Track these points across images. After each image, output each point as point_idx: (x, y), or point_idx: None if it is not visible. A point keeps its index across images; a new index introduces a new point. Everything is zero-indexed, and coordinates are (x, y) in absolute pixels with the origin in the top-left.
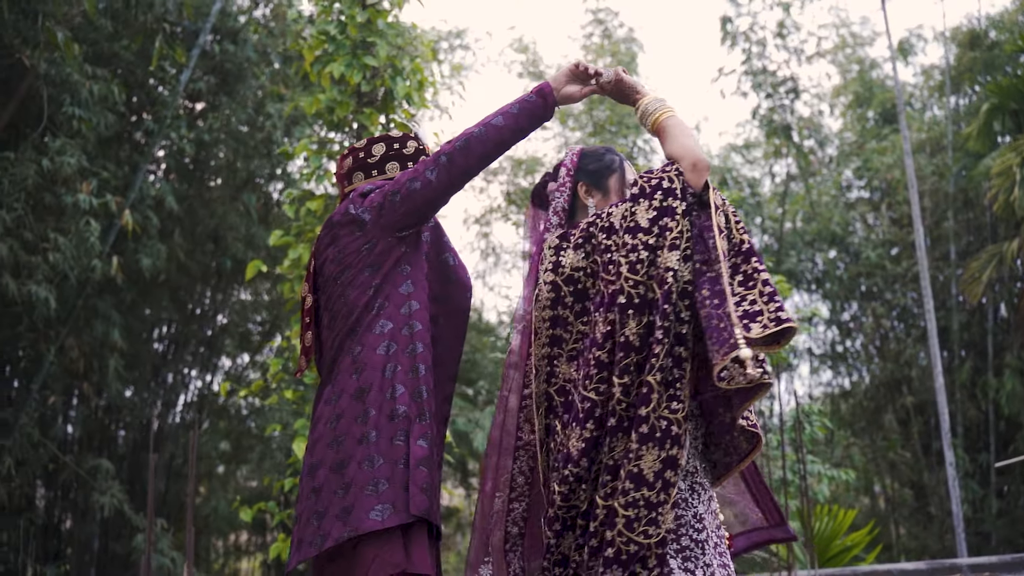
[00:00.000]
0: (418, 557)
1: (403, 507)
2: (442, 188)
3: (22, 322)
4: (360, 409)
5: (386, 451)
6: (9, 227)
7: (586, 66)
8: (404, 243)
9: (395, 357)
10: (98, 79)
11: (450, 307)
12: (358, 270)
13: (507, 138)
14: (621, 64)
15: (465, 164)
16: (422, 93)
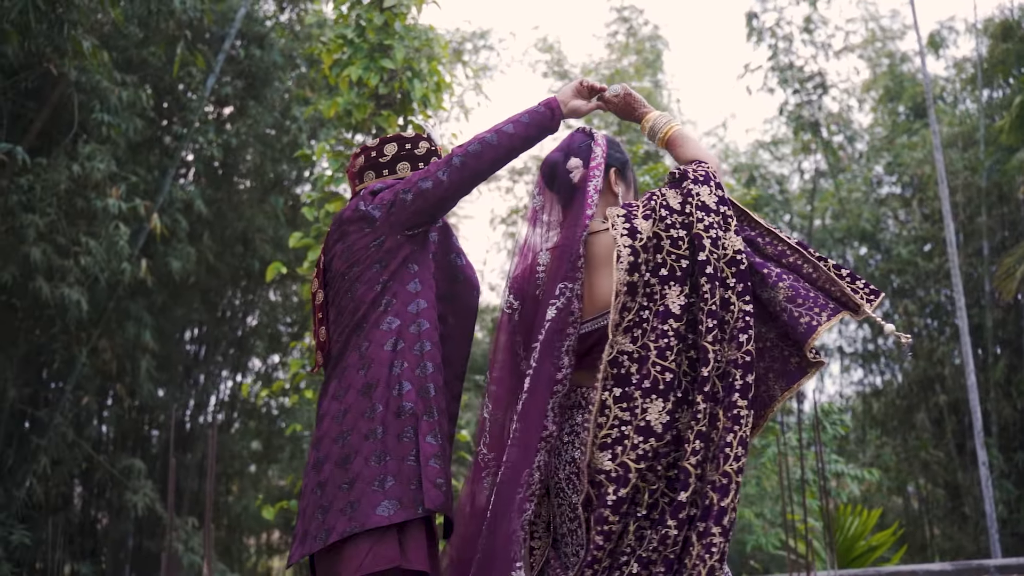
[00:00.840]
0: (414, 553)
1: (410, 503)
2: (452, 189)
3: (55, 324)
4: (367, 405)
5: (393, 447)
6: (42, 231)
7: (590, 84)
8: (412, 242)
9: (402, 354)
10: (127, 86)
11: (458, 306)
12: (366, 266)
13: (517, 145)
14: (646, 61)
15: (476, 167)
16: (439, 95)
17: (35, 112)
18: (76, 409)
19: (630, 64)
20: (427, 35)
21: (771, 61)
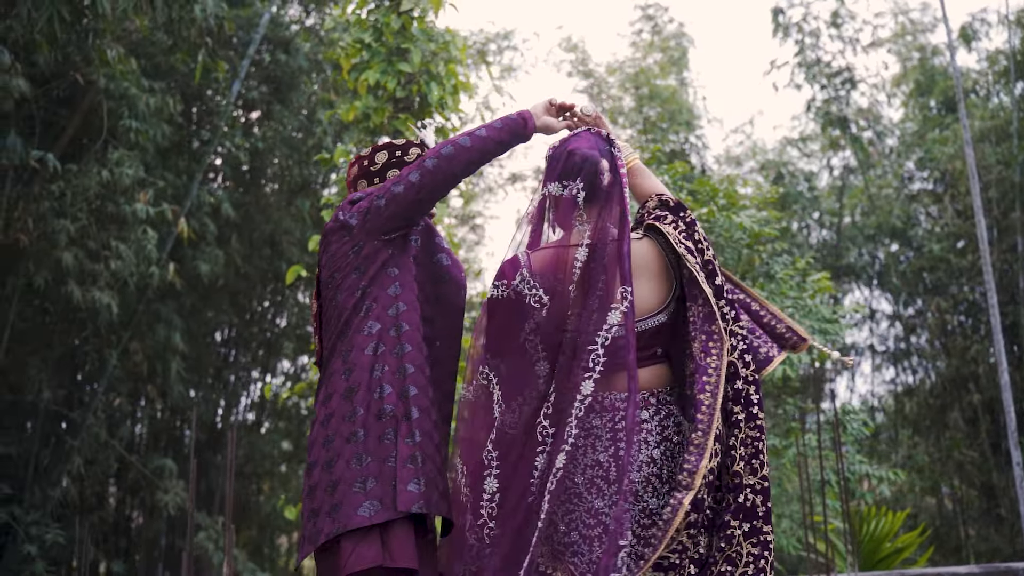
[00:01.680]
0: (398, 552)
1: (391, 504)
2: (425, 191)
3: (86, 328)
4: (349, 409)
5: (374, 449)
6: (73, 237)
7: (560, 102)
8: (390, 246)
9: (383, 358)
10: (155, 92)
11: (445, 307)
12: (345, 273)
13: (490, 149)
14: (671, 59)
15: (449, 169)
16: (457, 98)
17: (67, 119)
18: (108, 410)
19: (655, 62)
20: (444, 38)
21: (798, 57)
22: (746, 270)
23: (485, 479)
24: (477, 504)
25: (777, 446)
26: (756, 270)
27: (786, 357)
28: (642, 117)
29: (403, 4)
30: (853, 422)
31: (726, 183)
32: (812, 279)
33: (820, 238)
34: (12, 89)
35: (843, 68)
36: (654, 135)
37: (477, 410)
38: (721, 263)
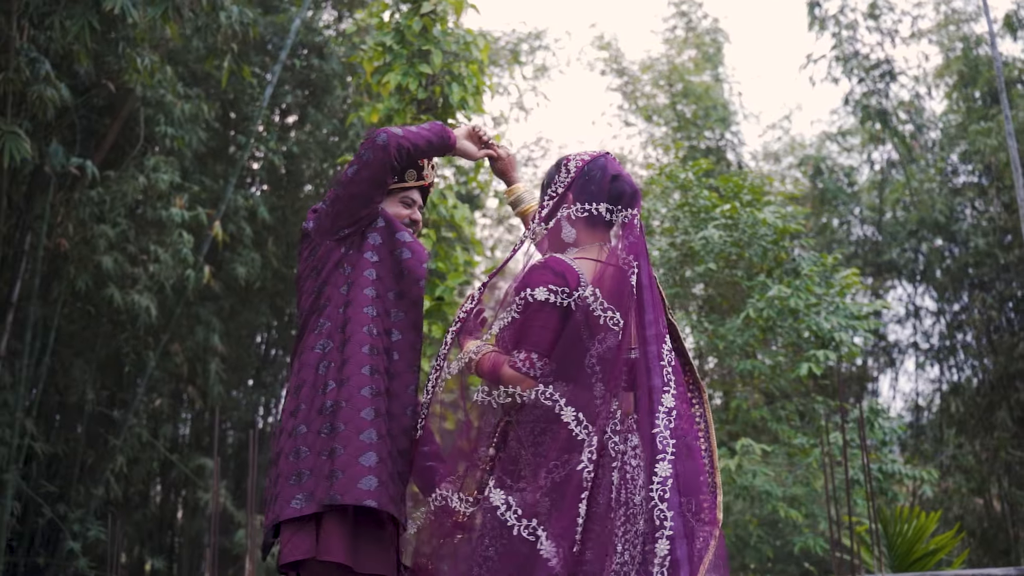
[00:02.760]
0: (330, 544)
1: (323, 496)
2: (361, 183)
3: (126, 330)
4: (294, 404)
5: (312, 443)
6: (113, 241)
7: (482, 132)
8: (344, 244)
9: (330, 355)
10: (189, 99)
11: (406, 301)
12: (305, 277)
13: (420, 145)
14: (706, 56)
15: (386, 157)
16: (479, 98)
17: (107, 127)
18: (150, 411)
19: (689, 59)
20: (465, 39)
21: (835, 50)
22: (772, 267)
23: (580, 503)
24: (571, 526)
25: (804, 445)
26: (783, 266)
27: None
28: (676, 114)
29: (423, 6)
30: (884, 421)
31: (750, 179)
32: (841, 275)
33: (861, 234)
34: (48, 99)
35: (882, 60)
36: (688, 132)
37: (542, 434)
38: (746, 259)
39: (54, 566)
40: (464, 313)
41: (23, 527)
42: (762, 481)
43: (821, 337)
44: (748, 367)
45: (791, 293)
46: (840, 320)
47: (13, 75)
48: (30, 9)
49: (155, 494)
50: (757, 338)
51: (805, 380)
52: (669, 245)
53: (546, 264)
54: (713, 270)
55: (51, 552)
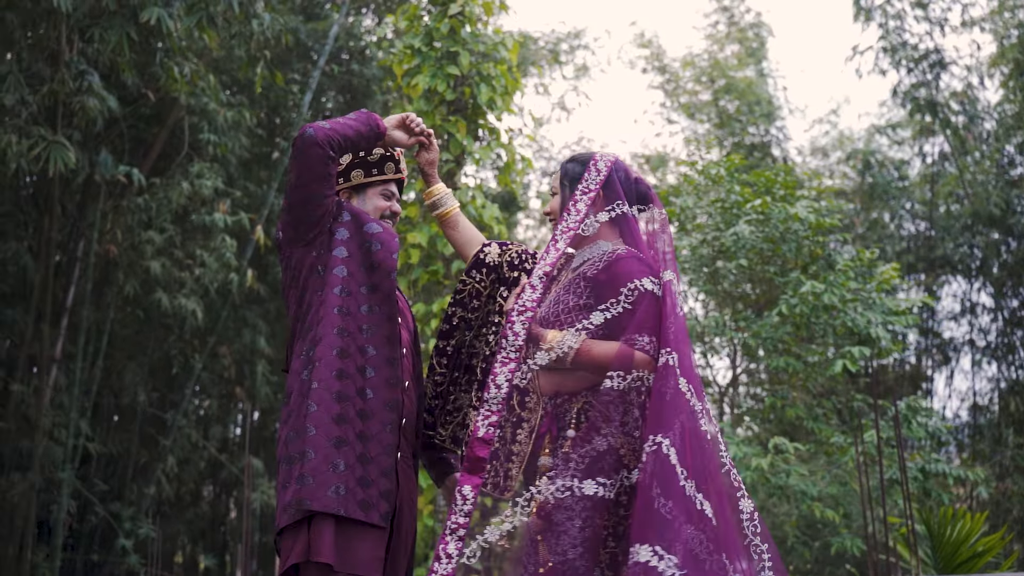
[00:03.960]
0: (320, 546)
1: (290, 500)
2: (302, 177)
3: (173, 333)
4: (286, 412)
5: (296, 447)
6: (161, 247)
7: (412, 122)
8: (313, 248)
9: (311, 360)
10: (232, 106)
11: (379, 295)
12: (287, 287)
13: (349, 135)
14: (749, 50)
15: (317, 151)
16: (507, 98)
17: (154, 136)
18: (199, 412)
19: (732, 54)
20: (493, 40)
21: (882, 41)
22: (807, 262)
23: (740, 499)
24: (739, 527)
25: (842, 444)
26: (819, 262)
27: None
28: (718, 111)
29: (451, 8)
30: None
31: (796, 173)
32: (880, 270)
33: (913, 229)
34: (91, 109)
35: (931, 50)
36: (732, 128)
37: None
38: (780, 254)
39: (109, 563)
40: (530, 304)
41: (80, 525)
42: (796, 480)
43: (857, 333)
44: (782, 364)
45: (824, 289)
46: (877, 316)
47: (57, 87)
48: (71, 22)
49: (208, 494)
50: (792, 335)
51: (840, 377)
52: (701, 242)
53: (635, 256)
54: (744, 266)
55: (106, 550)
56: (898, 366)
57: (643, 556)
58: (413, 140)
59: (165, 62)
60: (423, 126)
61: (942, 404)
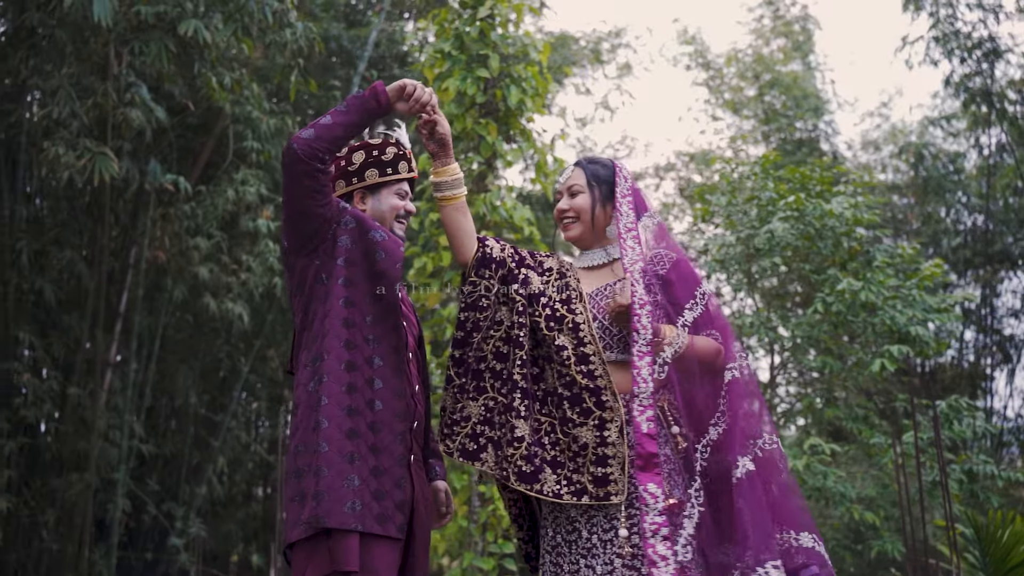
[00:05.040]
0: (343, 556)
1: (309, 517)
2: (291, 193)
3: (220, 336)
4: (294, 424)
5: (308, 463)
6: (208, 253)
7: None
8: (316, 256)
9: (319, 371)
10: (275, 114)
11: (384, 305)
12: (292, 296)
13: (338, 134)
14: (795, 44)
15: (301, 167)
16: (538, 100)
17: (201, 144)
18: (248, 414)
19: (777, 48)
20: (523, 41)
21: (933, 30)
22: (844, 259)
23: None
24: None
25: (882, 444)
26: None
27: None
28: (764, 106)
29: (480, 11)
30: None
31: (818, 169)
32: (923, 266)
33: (969, 223)
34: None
35: (985, 39)
36: (778, 124)
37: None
38: (815, 252)
39: (164, 561)
40: (646, 297)
41: (135, 524)
42: (833, 482)
43: (896, 332)
44: (819, 364)
45: (862, 286)
46: (917, 313)
47: (101, 99)
48: (112, 36)
49: (260, 494)
50: (830, 333)
51: (880, 376)
52: (736, 240)
53: (689, 259)
54: (778, 264)
55: (159, 548)
56: (956, 364)
57: (807, 542)
58: (411, 110)
59: (204, 73)
60: (425, 97)
61: (1003, 403)
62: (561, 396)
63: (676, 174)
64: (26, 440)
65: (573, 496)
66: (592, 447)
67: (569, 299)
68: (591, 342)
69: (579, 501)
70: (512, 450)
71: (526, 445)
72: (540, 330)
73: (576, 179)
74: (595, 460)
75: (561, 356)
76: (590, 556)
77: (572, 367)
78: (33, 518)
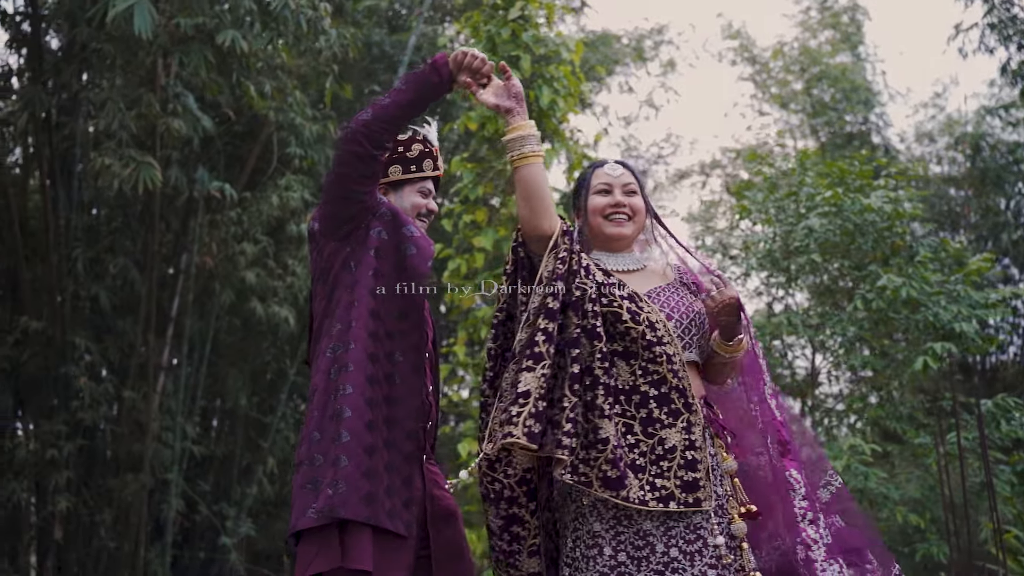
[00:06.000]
0: (356, 553)
1: (323, 506)
2: (341, 178)
3: (267, 339)
4: (309, 410)
5: (325, 450)
6: (255, 258)
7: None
8: (347, 243)
9: (340, 359)
10: (317, 120)
11: (411, 301)
12: (315, 280)
13: (398, 115)
14: (844, 36)
15: (357, 150)
16: (571, 100)
17: (248, 151)
18: (296, 415)
19: (826, 40)
20: (555, 42)
21: (987, 17)
22: (887, 255)
23: None
24: None
25: (928, 444)
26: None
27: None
28: (811, 100)
29: (511, 12)
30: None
31: (856, 163)
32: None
33: None
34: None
35: None
36: (828, 116)
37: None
38: (855, 248)
39: (217, 561)
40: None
41: (188, 524)
42: (876, 483)
43: (940, 328)
44: (861, 362)
45: (902, 282)
46: (963, 309)
47: (145, 110)
48: (154, 48)
49: None
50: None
51: (923, 374)
52: (773, 236)
53: None
54: (817, 262)
55: (211, 548)
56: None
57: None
58: (474, 81)
59: (243, 82)
60: (476, 63)
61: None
62: (646, 395)
63: (722, 171)
64: (84, 442)
65: (660, 503)
66: (681, 450)
67: (632, 296)
68: (670, 341)
69: (667, 508)
70: (597, 453)
71: (611, 448)
72: (623, 322)
73: (630, 179)
74: (684, 464)
75: (653, 352)
76: (670, 571)
77: (664, 364)
78: (92, 517)
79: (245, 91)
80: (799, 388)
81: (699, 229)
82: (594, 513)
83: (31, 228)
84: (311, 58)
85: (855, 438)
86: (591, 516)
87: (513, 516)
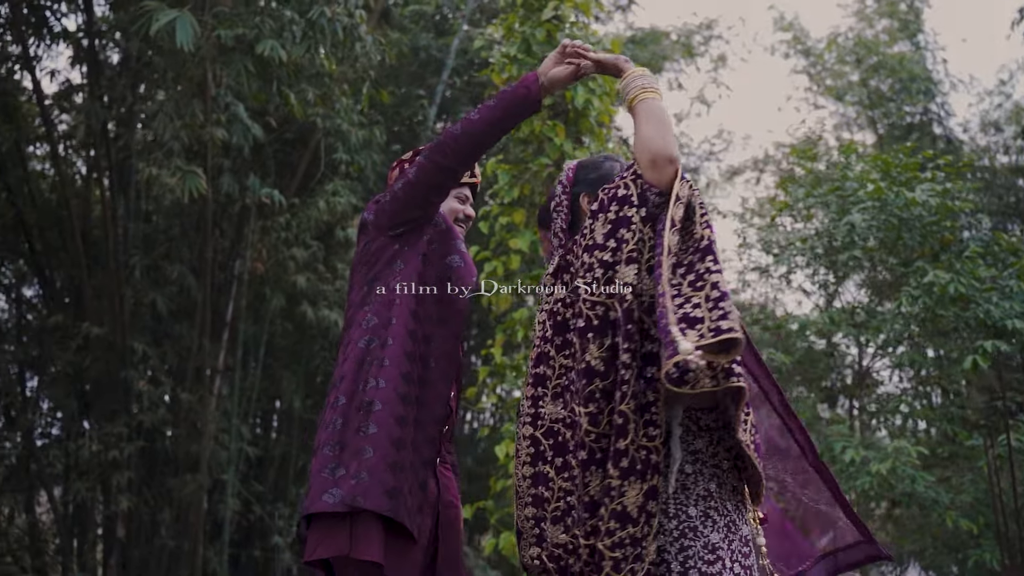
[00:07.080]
0: (364, 544)
1: (346, 495)
2: (420, 185)
3: (317, 342)
4: (333, 396)
5: (349, 439)
6: (305, 262)
7: (573, 47)
8: (398, 241)
9: (373, 352)
10: (364, 125)
11: (452, 309)
12: (356, 269)
13: (486, 131)
14: (902, 24)
15: (442, 162)
16: (607, 99)
17: (298, 158)
18: None
19: (883, 29)
20: (590, 40)
21: None
22: (934, 251)
23: None
24: None
25: (977, 446)
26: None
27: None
28: (868, 91)
29: (545, 13)
30: None
31: (901, 156)
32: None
33: None
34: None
35: None
36: (885, 109)
37: None
38: (901, 243)
39: (275, 560)
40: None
41: (245, 523)
42: (924, 487)
43: (991, 326)
44: (907, 360)
45: (950, 279)
46: (1016, 305)
47: (190, 120)
48: (196, 59)
49: None
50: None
51: (972, 373)
52: (815, 233)
53: None
54: (859, 257)
55: (267, 547)
56: None
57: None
58: (572, 71)
59: (283, 90)
60: (575, 47)
61: None
62: None
63: (776, 166)
64: (144, 443)
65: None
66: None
67: None
68: None
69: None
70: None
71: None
72: None
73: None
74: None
75: None
76: (751, 546)
77: None
78: (153, 516)
79: (285, 99)
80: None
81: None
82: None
83: (93, 237)
84: (349, 65)
85: (902, 440)
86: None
87: (653, 488)
